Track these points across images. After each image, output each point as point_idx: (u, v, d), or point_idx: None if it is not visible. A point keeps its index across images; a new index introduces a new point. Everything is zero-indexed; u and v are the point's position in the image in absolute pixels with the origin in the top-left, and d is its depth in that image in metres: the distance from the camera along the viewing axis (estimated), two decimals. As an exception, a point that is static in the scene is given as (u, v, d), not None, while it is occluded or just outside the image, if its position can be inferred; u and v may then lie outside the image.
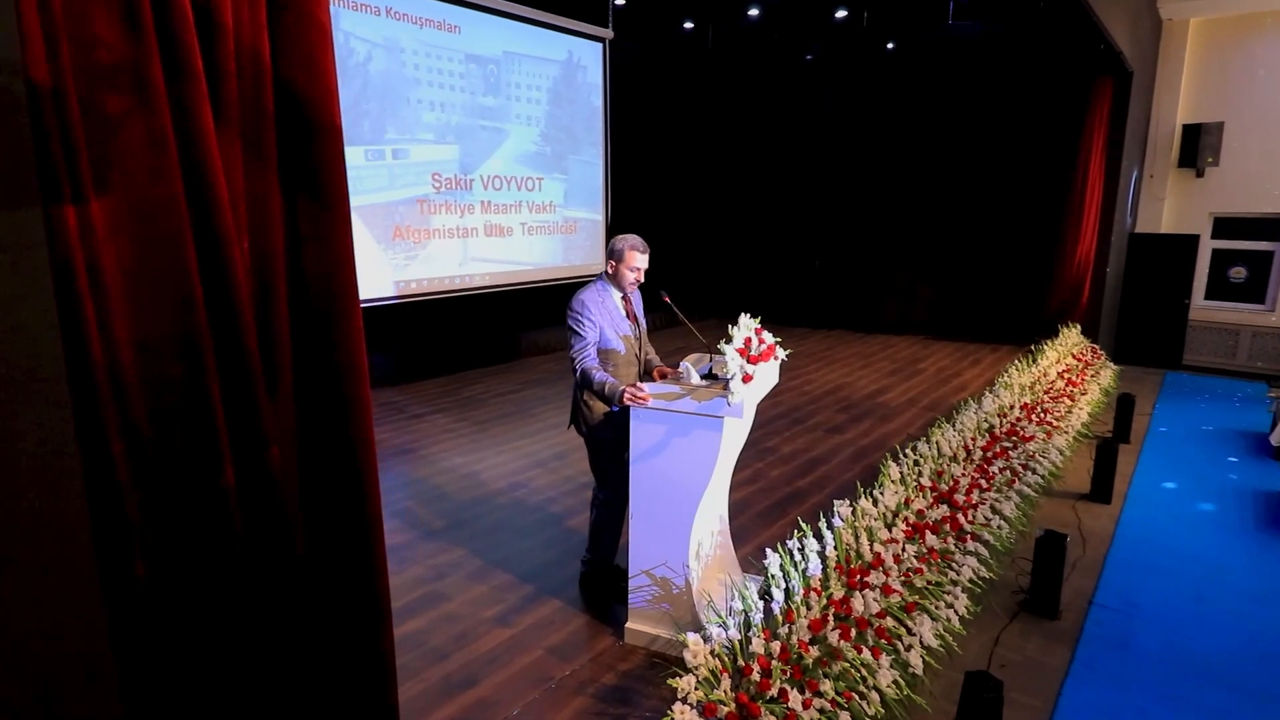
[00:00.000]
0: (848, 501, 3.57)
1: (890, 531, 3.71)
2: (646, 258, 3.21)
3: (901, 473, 4.21)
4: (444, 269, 7.58)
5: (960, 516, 4.10)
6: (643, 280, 3.24)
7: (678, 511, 2.94)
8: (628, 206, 10.44)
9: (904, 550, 3.64)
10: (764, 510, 4.50)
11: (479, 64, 7.61)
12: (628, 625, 3.12)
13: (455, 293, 7.78)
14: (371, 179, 6.85)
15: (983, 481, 4.56)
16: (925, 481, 4.26)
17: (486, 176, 7.86)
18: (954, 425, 5.04)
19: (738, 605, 2.76)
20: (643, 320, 3.41)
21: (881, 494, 3.85)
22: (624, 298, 3.29)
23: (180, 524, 1.08)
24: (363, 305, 6.85)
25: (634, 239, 3.19)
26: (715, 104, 11.88)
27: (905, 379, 7.83)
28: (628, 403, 2.88)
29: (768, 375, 3.06)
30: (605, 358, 3.22)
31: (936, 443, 4.65)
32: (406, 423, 6.17)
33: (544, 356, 8.76)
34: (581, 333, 3.14)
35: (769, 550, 3.03)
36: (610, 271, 3.23)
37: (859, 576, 3.30)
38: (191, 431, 1.07)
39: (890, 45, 10.23)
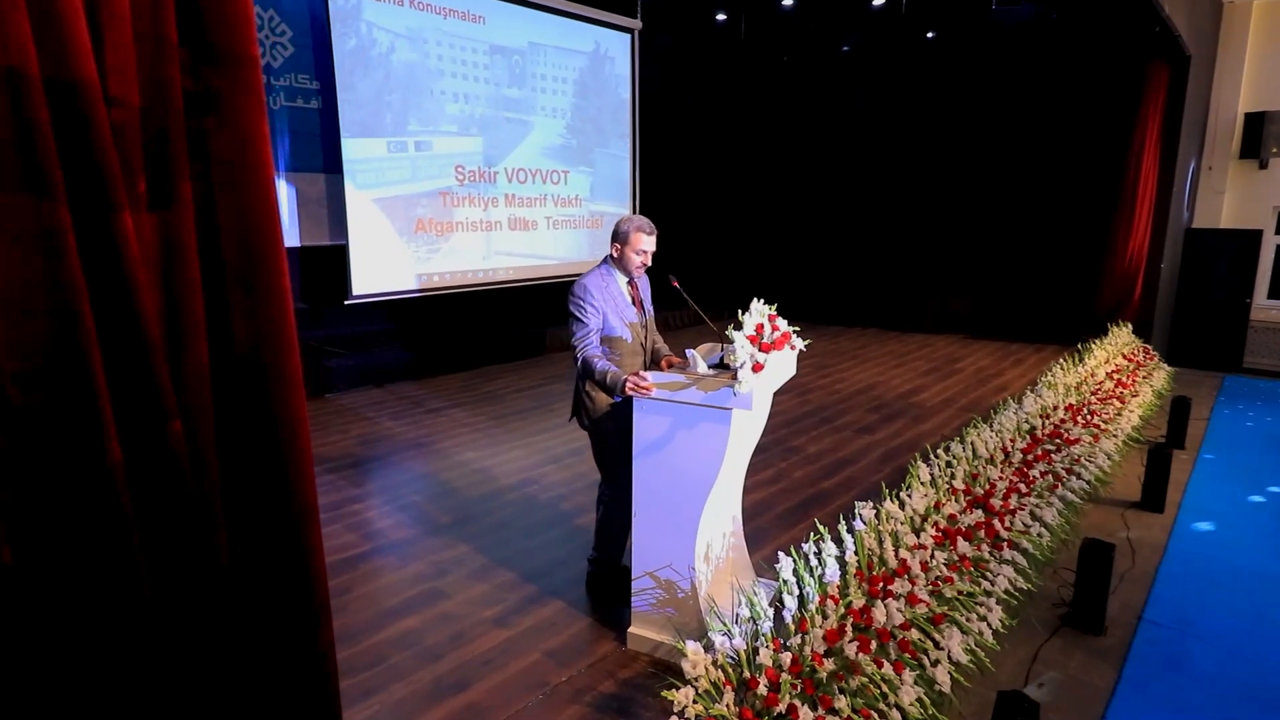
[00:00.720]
0: (871, 504, 3.33)
1: (918, 537, 3.46)
2: (653, 240, 3.03)
3: (932, 475, 3.94)
4: (467, 262, 7.50)
5: (996, 523, 3.82)
6: (649, 264, 3.06)
7: (683, 510, 2.75)
8: (656, 201, 10.25)
9: (933, 557, 3.39)
10: (785, 512, 4.28)
11: (504, 55, 7.51)
12: (630, 630, 2.94)
13: (478, 287, 7.70)
14: (394, 171, 6.80)
15: (1022, 486, 4.26)
16: (958, 484, 3.98)
17: (511, 169, 7.76)
18: (991, 426, 4.74)
19: (744, 612, 2.56)
20: (650, 307, 3.23)
21: (909, 496, 3.60)
22: (630, 283, 3.12)
23: (56, 503, 0.94)
24: (384, 298, 6.83)
25: (640, 220, 3.02)
26: (747, 97, 11.64)
27: (941, 378, 7.50)
28: (630, 393, 2.70)
29: (782, 365, 2.85)
30: (609, 346, 3.05)
31: (971, 444, 4.37)
32: (423, 416, 6.08)
33: (568, 352, 8.59)
34: (583, 319, 2.98)
35: (781, 554, 2.82)
36: (615, 255, 3.06)
37: (881, 584, 3.07)
38: (65, 399, 0.93)
39: (931, 34, 9.87)
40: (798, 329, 3.02)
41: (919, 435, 5.64)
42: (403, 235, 6.94)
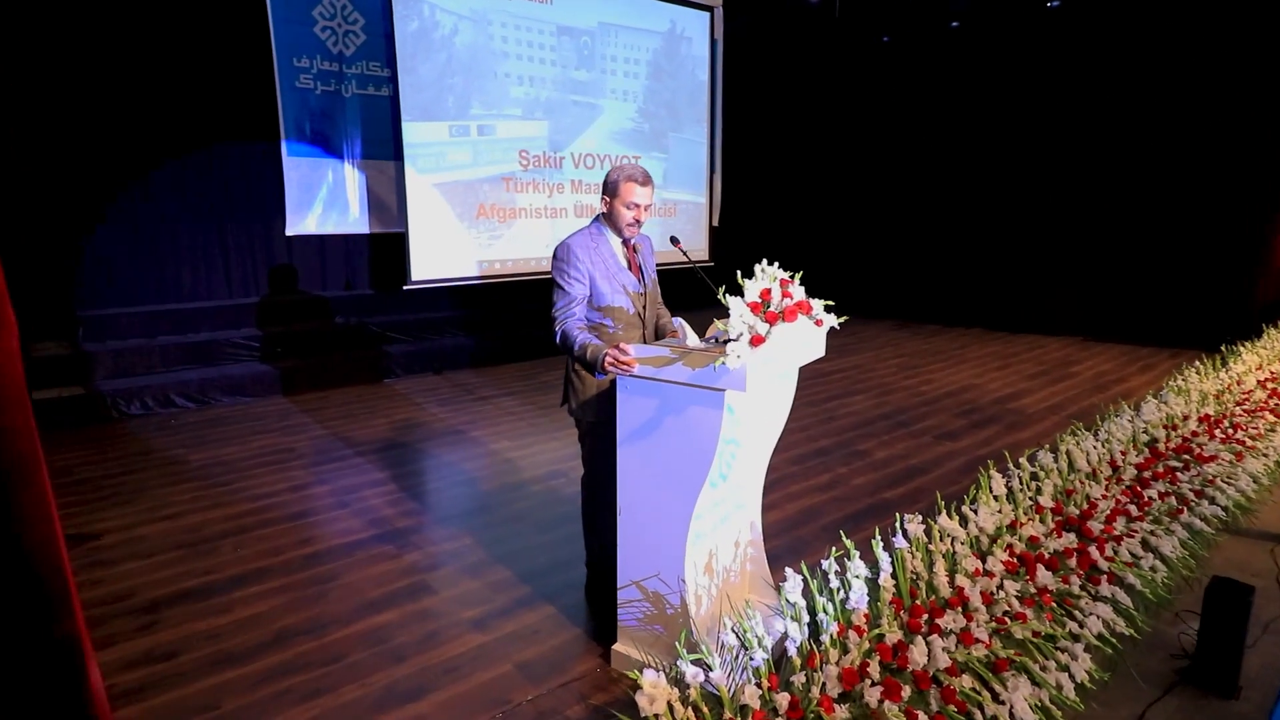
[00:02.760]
0: (920, 517, 2.75)
1: (984, 562, 2.85)
2: (649, 191, 2.60)
3: (1010, 487, 3.28)
4: (529, 250, 7.30)
5: (1094, 550, 3.12)
6: (643, 220, 2.63)
7: (670, 510, 2.31)
8: (738, 190, 9.75)
9: (1000, 588, 2.77)
10: (835, 523, 3.72)
11: (571, 36, 7.27)
12: (614, 648, 2.52)
13: (541, 275, 7.48)
14: (455, 155, 6.69)
15: (1132, 507, 3.50)
16: (1045, 501, 3.30)
17: (578, 154, 7.51)
18: (1097, 435, 3.96)
19: (730, 639, 2.09)
20: (651, 274, 2.80)
21: (975, 512, 2.98)
22: (626, 244, 2.70)
23: None
24: (444, 284, 6.71)
25: (631, 167, 2.59)
26: (841, 78, 10.89)
27: (1050, 383, 6.56)
28: (608, 369, 2.29)
29: (797, 342, 2.35)
30: (602, 316, 2.65)
31: (1067, 453, 3.63)
32: (470, 404, 5.90)
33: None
34: (565, 286, 2.59)
35: (790, 571, 2.32)
36: (605, 210, 2.65)
37: (926, 617, 2.50)
38: None
39: (1053, 2, 8.81)
40: (831, 304, 2.50)
41: (1012, 445, 4.87)
42: (464, 221, 6.82)
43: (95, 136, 5.82)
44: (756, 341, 2.08)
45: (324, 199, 6.77)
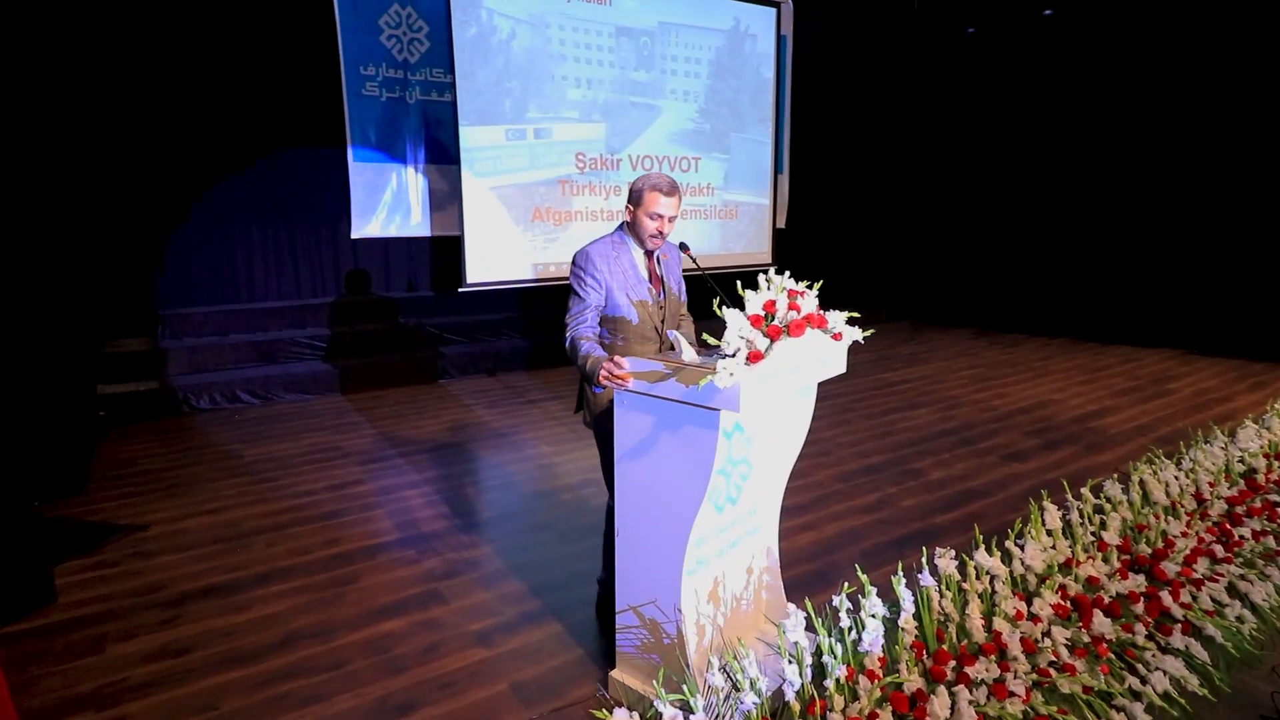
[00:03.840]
0: (953, 552, 2.49)
1: (1029, 605, 2.57)
2: (674, 202, 2.47)
3: (1068, 520, 2.96)
4: (585, 253, 7.26)
5: (1167, 595, 2.77)
6: (666, 232, 2.51)
7: (667, 534, 2.17)
8: (807, 191, 9.43)
9: (1047, 635, 2.48)
10: (875, 548, 3.47)
11: (630, 37, 7.19)
12: (612, 674, 2.40)
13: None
14: (511, 159, 6.73)
15: (1219, 547, 3.10)
16: (1110, 537, 2.96)
17: (635, 156, 7.42)
18: (1180, 464, 3.54)
19: (716, 679, 1.93)
20: (674, 286, 2.67)
21: (1021, 547, 2.69)
22: (649, 255, 2.58)
23: None
24: (499, 287, 6.76)
25: (657, 177, 2.47)
26: (920, 72, 10.38)
27: (1141, 401, 5.99)
28: (604, 381, 2.18)
29: (813, 358, 2.17)
30: (612, 328, 2.55)
31: (1141, 482, 3.26)
32: (519, 407, 5.91)
33: (693, 351, 8.11)
34: (580, 293, 2.51)
35: (792, 607, 2.13)
36: (628, 219, 2.55)
37: (953, 664, 2.26)
38: None
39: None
40: (857, 315, 2.29)
41: (1087, 469, 4.45)
42: (519, 224, 6.85)
43: (176, 146, 6.18)
44: (754, 358, 1.91)
45: (388, 203, 6.93)
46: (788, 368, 2.05)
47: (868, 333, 2.38)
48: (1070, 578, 2.70)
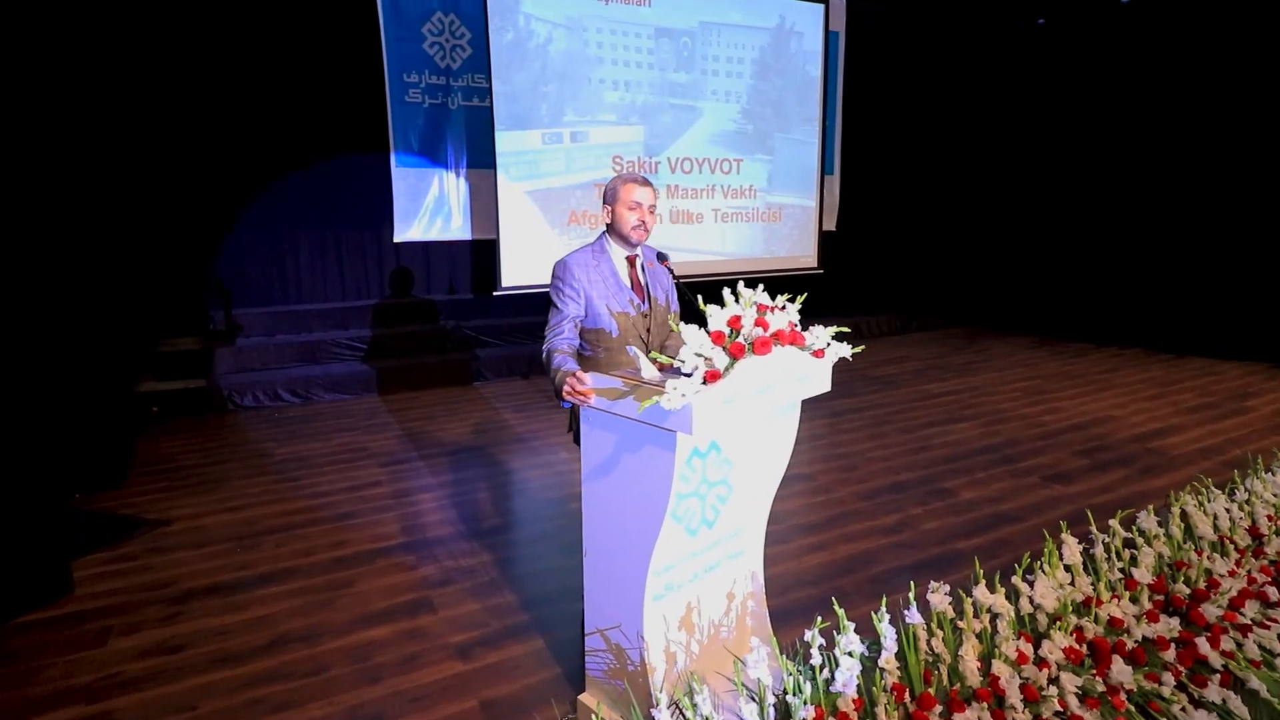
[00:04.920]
0: (946, 586, 2.31)
1: (1036, 646, 2.36)
2: (650, 192, 2.40)
3: (1090, 555, 2.71)
4: (621, 256, 7.21)
5: (1203, 642, 2.51)
6: (649, 222, 2.42)
7: (629, 556, 2.09)
8: (858, 195, 9.13)
9: (1054, 681, 2.28)
10: (887, 574, 3.28)
11: (670, 38, 7.10)
12: (580, 698, 2.33)
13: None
14: (548, 162, 6.74)
15: (1271, 590, 2.79)
16: (1142, 575, 2.69)
17: (674, 159, 7.32)
18: (1231, 494, 3.21)
19: (663, 717, 1.83)
20: (663, 297, 2.57)
21: (1030, 584, 2.48)
22: (632, 262, 2.50)
23: None
24: (534, 291, 6.78)
25: (628, 172, 2.41)
26: (982, 67, 9.90)
27: (1211, 420, 5.51)
28: (566, 397, 2.11)
29: (788, 376, 2.04)
30: (593, 340, 2.48)
31: (1180, 514, 2.96)
32: (546, 411, 5.90)
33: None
34: (558, 303, 2.45)
35: (755, 640, 2.01)
36: (607, 221, 2.47)
37: (940, 709, 2.09)
38: None
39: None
40: (845, 330, 2.16)
41: (1139, 495, 4.11)
42: (555, 227, 6.86)
43: (227, 153, 6.45)
44: (711, 377, 1.81)
45: (430, 207, 7.06)
46: (754, 387, 1.93)
47: (857, 349, 2.24)
48: (1089, 618, 2.46)
